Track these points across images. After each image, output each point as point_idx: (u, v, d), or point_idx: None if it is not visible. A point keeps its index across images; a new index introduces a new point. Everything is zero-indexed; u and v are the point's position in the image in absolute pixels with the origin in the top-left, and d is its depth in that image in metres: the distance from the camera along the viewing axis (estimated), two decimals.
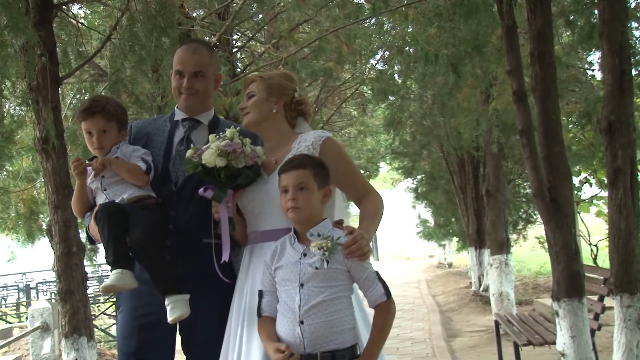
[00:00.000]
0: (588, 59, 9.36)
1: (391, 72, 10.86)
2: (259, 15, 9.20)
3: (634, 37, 6.57)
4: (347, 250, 2.32)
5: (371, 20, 9.51)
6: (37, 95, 4.56)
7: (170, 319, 2.51)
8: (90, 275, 16.27)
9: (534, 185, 4.45)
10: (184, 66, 2.78)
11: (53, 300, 9.36)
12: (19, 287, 19.26)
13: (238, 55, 9.67)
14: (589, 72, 9.17)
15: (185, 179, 2.72)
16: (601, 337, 6.06)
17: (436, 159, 15.43)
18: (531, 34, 4.52)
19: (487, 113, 8.49)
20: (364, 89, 13.76)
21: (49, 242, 5.01)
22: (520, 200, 14.37)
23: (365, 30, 9.83)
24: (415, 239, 22.67)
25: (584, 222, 11.15)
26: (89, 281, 14.37)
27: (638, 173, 4.28)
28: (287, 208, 2.39)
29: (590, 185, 11.04)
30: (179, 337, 2.77)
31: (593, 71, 9.13)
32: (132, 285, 2.51)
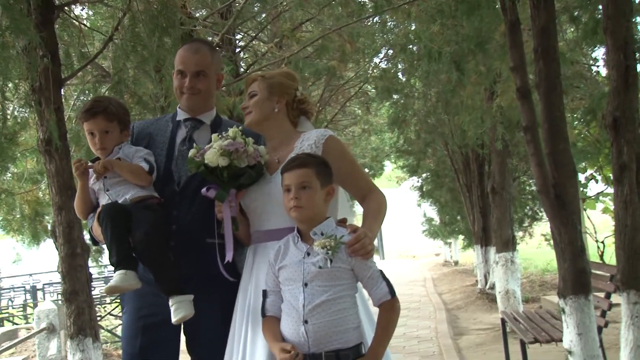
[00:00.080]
0: (593, 54, 9.33)
1: (395, 70, 10.84)
2: (262, 14, 9.20)
3: (638, 33, 6.53)
4: (350, 249, 2.30)
5: (374, 19, 9.50)
6: (39, 96, 4.57)
7: (174, 319, 2.51)
8: (96, 276, 16.30)
9: (538, 182, 4.42)
10: (185, 66, 2.77)
11: (59, 302, 9.37)
12: (25, 289, 19.31)
13: (241, 55, 9.66)
14: (594, 68, 9.14)
15: (188, 179, 2.71)
16: (609, 334, 6.03)
17: (441, 157, 15.40)
18: (535, 30, 4.49)
19: (491, 110, 8.46)
20: (368, 88, 13.73)
21: (53, 243, 5.01)
22: (526, 198, 14.33)
23: (368, 28, 9.82)
24: (421, 237, 22.63)
25: (590, 219, 11.11)
26: (95, 282, 14.40)
27: None
28: (290, 207, 2.38)
29: (597, 181, 11.01)
30: (183, 337, 2.76)
31: (598, 67, 9.11)
32: (135, 285, 2.51)
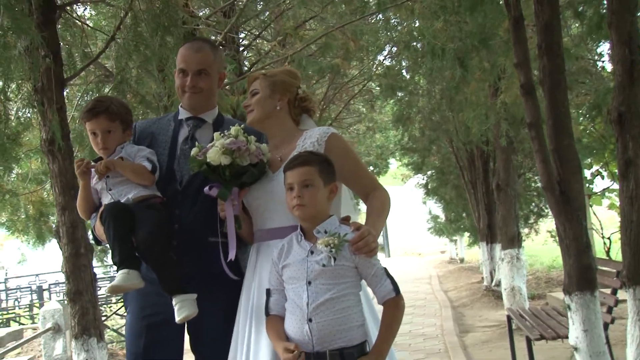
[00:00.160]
0: (598, 50, 9.28)
1: (399, 67, 10.81)
2: (265, 12, 9.18)
3: None
4: (354, 246, 2.29)
5: (377, 16, 9.47)
6: (42, 96, 4.57)
7: (178, 318, 2.50)
8: (101, 276, 16.34)
9: (543, 179, 4.40)
10: (187, 64, 2.76)
11: (64, 302, 9.40)
12: (31, 289, 19.34)
13: (244, 54, 9.65)
14: (599, 64, 9.09)
15: (190, 178, 2.70)
16: (615, 331, 6.00)
17: (446, 154, 15.37)
18: (539, 26, 4.47)
19: (495, 106, 8.43)
20: (372, 85, 13.72)
21: (57, 243, 5.02)
22: (531, 194, 14.29)
23: (371, 25, 9.79)
24: (426, 235, 22.61)
25: (596, 215, 11.07)
26: (101, 282, 14.44)
27: None
28: (293, 206, 2.37)
29: (602, 177, 10.96)
30: (187, 337, 2.76)
31: (603, 62, 9.05)
32: (138, 285, 2.51)
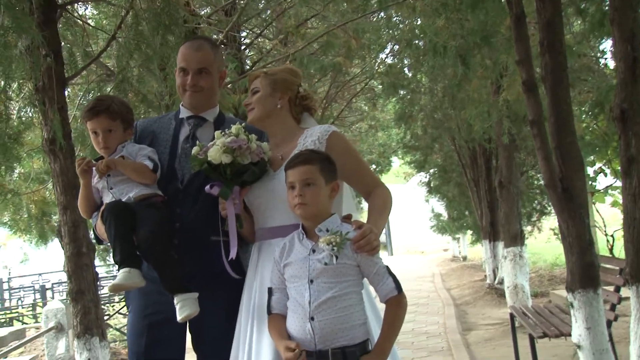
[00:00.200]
0: (600, 47, 9.25)
1: (401, 65, 10.79)
2: (267, 11, 9.18)
3: None
4: (356, 245, 2.29)
5: (379, 14, 9.45)
6: (43, 96, 4.57)
7: (179, 317, 2.50)
8: (104, 275, 16.37)
9: (545, 176, 4.39)
10: (187, 63, 2.76)
11: (67, 301, 9.41)
12: (34, 288, 19.38)
13: (246, 53, 9.64)
14: (602, 61, 9.06)
15: (191, 177, 2.70)
16: (618, 328, 5.99)
17: (448, 152, 15.34)
18: (541, 23, 4.45)
19: (497, 104, 8.41)
20: (374, 84, 13.69)
21: (59, 242, 5.02)
22: (534, 192, 14.25)
23: (373, 24, 9.77)
24: (429, 233, 22.57)
25: (599, 212, 11.04)
26: (104, 281, 14.45)
27: None
28: (295, 204, 2.36)
29: (605, 175, 10.93)
30: (189, 336, 2.76)
31: (605, 60, 9.02)
32: (140, 283, 2.50)
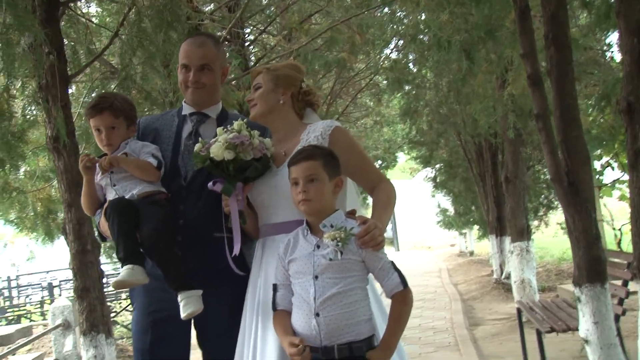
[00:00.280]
0: (607, 40, 9.18)
1: (405, 61, 10.74)
2: (270, 7, 9.15)
3: None
4: (360, 240, 2.27)
5: (383, 9, 9.42)
6: (46, 94, 4.57)
7: (183, 315, 2.50)
8: (112, 272, 16.40)
9: (551, 170, 4.36)
10: (190, 60, 2.75)
11: (73, 298, 9.44)
12: (42, 286, 19.45)
13: (250, 49, 9.62)
14: (608, 54, 8.99)
15: (195, 174, 2.69)
16: (626, 322, 5.95)
17: (454, 147, 15.31)
18: (545, 16, 4.42)
19: (502, 99, 8.37)
20: (379, 79, 13.65)
21: (64, 240, 5.04)
22: (541, 187, 14.21)
23: (377, 19, 9.73)
24: (435, 228, 22.55)
25: (607, 206, 11.00)
26: (110, 278, 14.47)
27: None
28: (299, 200, 2.35)
29: (613, 169, 10.89)
30: (194, 332, 2.75)
31: (612, 53, 8.96)
32: (143, 280, 2.50)
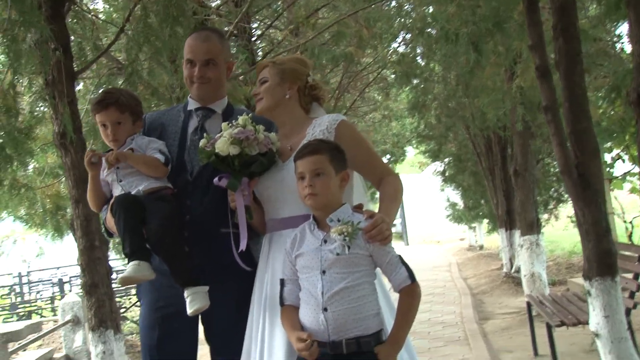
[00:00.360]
0: (617, 31, 9.10)
1: (413, 54, 10.69)
2: (277, 2, 9.12)
3: None
4: (368, 235, 2.26)
5: (391, 2, 9.37)
6: (53, 90, 4.57)
7: (189, 311, 2.49)
8: (121, 268, 16.45)
9: (560, 162, 4.32)
10: (194, 55, 2.74)
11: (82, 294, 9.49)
12: (52, 282, 19.54)
13: (257, 44, 9.60)
14: (618, 45, 8.91)
15: (201, 169, 2.68)
16: (637, 316, 5.93)
17: (463, 140, 15.24)
18: (554, 7, 4.39)
19: (511, 91, 8.31)
20: (387, 73, 13.58)
21: (72, 236, 5.06)
22: (551, 180, 14.12)
23: (385, 12, 9.68)
24: (445, 222, 22.49)
25: (617, 199, 10.91)
26: (120, 274, 14.54)
27: None
28: (305, 195, 2.34)
29: (623, 161, 10.80)
30: (202, 328, 2.75)
31: (622, 44, 8.87)
32: (149, 276, 2.50)
